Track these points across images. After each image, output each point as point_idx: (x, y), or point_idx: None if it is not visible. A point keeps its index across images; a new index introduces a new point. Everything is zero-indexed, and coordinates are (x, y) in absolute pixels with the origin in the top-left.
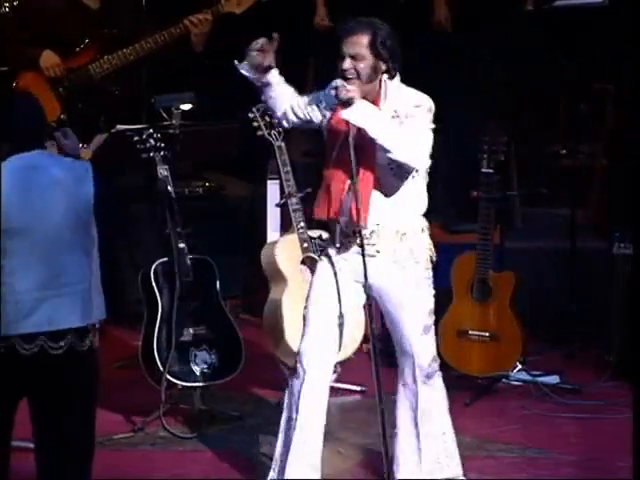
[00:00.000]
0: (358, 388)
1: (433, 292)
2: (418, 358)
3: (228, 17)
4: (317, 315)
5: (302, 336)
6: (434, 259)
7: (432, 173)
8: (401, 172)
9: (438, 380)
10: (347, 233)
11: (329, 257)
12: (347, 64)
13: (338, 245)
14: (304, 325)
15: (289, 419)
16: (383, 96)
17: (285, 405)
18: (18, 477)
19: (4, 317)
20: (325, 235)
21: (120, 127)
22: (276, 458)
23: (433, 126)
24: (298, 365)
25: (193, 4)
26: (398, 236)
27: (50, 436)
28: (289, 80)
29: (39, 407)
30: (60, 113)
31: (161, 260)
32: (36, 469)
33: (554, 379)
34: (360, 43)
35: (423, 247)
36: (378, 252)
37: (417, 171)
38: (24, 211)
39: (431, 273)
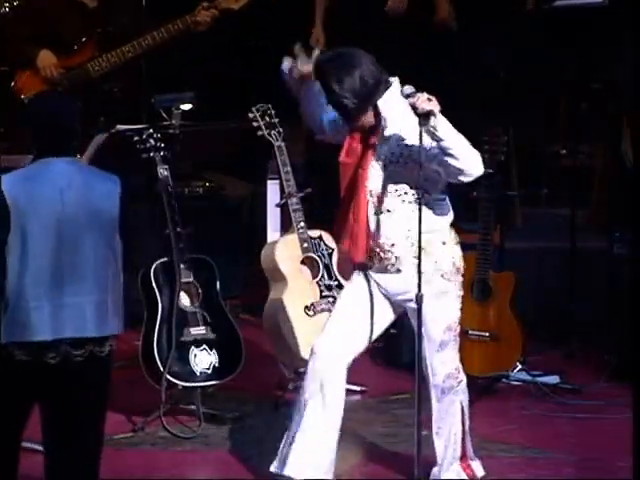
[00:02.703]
0: (358, 388)
1: (459, 306)
2: (433, 373)
3: (231, 17)
4: (332, 324)
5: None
6: (462, 271)
7: None
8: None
9: (452, 397)
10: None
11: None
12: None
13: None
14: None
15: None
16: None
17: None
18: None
19: (20, 323)
20: (325, 235)
21: (120, 127)
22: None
23: None
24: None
25: (193, 1)
26: (414, 250)
27: (62, 437)
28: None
29: (53, 410)
30: None
31: (161, 260)
32: (45, 470)
33: (554, 379)
34: None
35: (446, 260)
36: (400, 271)
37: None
38: (39, 216)
39: (458, 286)
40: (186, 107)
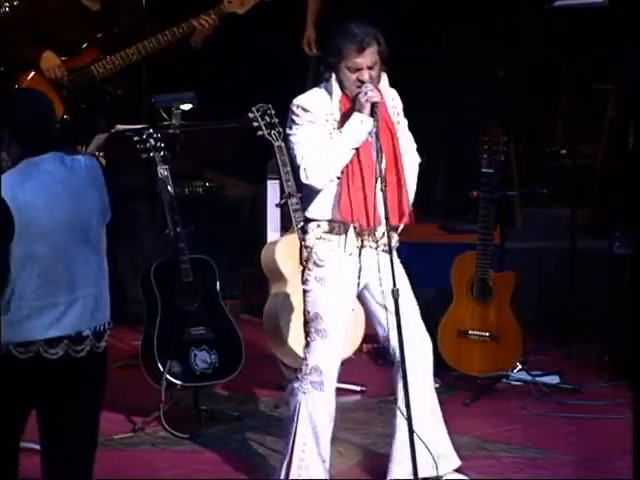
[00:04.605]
0: (358, 388)
1: None
2: (429, 347)
3: (231, 17)
4: (337, 327)
5: (319, 347)
6: None
7: (432, 173)
8: None
9: None
10: (364, 236)
11: (337, 263)
12: (367, 77)
13: (351, 252)
14: (319, 335)
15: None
16: (384, 92)
17: (301, 417)
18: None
19: (20, 324)
20: None
21: (120, 127)
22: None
23: None
24: (323, 378)
25: (195, 3)
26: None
27: (61, 433)
28: (289, 81)
29: (52, 407)
30: (62, 114)
31: (161, 260)
32: (43, 469)
33: (554, 379)
34: (373, 52)
35: None
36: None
37: None
38: (39, 218)
39: None
40: (186, 107)
